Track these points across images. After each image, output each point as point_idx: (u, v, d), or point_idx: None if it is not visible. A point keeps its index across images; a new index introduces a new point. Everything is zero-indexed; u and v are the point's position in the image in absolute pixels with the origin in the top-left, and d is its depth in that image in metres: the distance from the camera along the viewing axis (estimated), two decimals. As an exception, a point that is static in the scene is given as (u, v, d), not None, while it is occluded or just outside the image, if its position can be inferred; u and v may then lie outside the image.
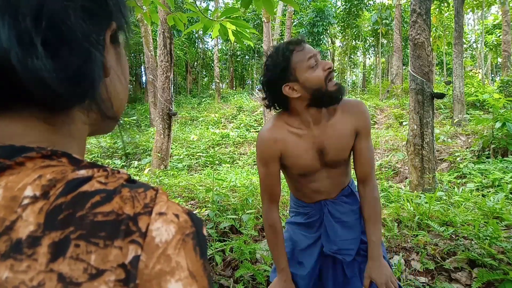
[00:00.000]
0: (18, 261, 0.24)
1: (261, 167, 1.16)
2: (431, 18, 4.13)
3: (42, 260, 0.24)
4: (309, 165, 1.15)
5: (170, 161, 7.48)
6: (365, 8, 19.85)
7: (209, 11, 2.32)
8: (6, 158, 0.28)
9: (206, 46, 28.46)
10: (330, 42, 24.14)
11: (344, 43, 23.74)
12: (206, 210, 2.94)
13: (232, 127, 12.52)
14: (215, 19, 2.26)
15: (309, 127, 1.13)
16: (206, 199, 3.28)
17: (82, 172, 0.29)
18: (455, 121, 8.70)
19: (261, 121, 12.72)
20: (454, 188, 4.57)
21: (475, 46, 22.38)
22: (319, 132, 1.13)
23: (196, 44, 25.17)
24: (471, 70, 18.66)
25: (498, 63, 21.87)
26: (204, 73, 28.19)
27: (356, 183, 1.26)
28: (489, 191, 4.23)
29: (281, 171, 1.20)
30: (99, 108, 0.36)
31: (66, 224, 0.25)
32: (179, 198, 3.41)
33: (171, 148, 8.16)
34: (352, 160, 1.24)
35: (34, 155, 0.29)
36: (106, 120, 0.38)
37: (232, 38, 2.29)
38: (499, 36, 18.00)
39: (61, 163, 0.30)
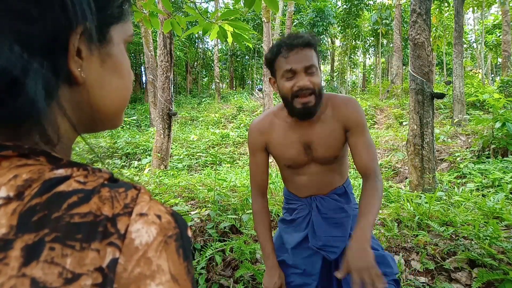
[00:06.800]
0: None
1: (250, 156, 1.23)
2: (431, 18, 4.13)
3: (14, 264, 0.22)
4: (295, 158, 1.15)
5: (170, 161, 7.48)
6: (365, 8, 19.83)
7: (208, 14, 2.30)
8: None
9: (206, 46, 28.48)
10: (330, 42, 24.13)
11: (344, 43, 23.70)
12: (206, 210, 2.94)
13: (232, 127, 12.51)
14: (214, 21, 2.26)
15: (297, 120, 1.12)
16: (206, 199, 3.28)
17: (60, 171, 0.28)
18: (455, 121, 8.70)
19: (261, 121, 12.70)
20: (454, 188, 4.56)
21: (475, 46, 22.35)
22: (307, 127, 1.12)
23: (196, 44, 25.17)
24: (471, 70, 18.64)
25: (498, 63, 21.85)
26: (204, 73, 28.18)
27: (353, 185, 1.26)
28: (489, 191, 4.23)
29: (271, 163, 1.23)
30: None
31: (41, 226, 0.24)
32: (179, 198, 3.41)
33: (171, 148, 8.16)
34: (348, 161, 1.23)
35: (10, 154, 0.27)
36: (98, 122, 0.37)
37: (230, 40, 2.28)
38: (499, 36, 17.98)
39: (39, 162, 0.28)
